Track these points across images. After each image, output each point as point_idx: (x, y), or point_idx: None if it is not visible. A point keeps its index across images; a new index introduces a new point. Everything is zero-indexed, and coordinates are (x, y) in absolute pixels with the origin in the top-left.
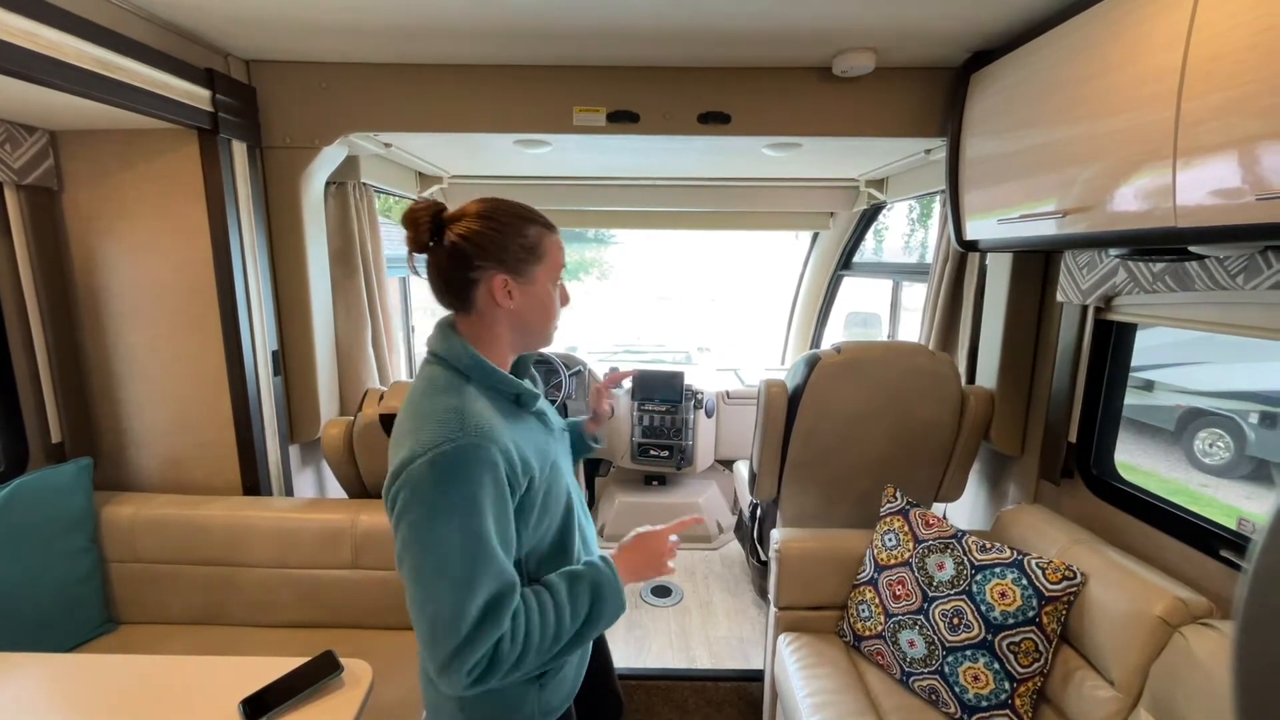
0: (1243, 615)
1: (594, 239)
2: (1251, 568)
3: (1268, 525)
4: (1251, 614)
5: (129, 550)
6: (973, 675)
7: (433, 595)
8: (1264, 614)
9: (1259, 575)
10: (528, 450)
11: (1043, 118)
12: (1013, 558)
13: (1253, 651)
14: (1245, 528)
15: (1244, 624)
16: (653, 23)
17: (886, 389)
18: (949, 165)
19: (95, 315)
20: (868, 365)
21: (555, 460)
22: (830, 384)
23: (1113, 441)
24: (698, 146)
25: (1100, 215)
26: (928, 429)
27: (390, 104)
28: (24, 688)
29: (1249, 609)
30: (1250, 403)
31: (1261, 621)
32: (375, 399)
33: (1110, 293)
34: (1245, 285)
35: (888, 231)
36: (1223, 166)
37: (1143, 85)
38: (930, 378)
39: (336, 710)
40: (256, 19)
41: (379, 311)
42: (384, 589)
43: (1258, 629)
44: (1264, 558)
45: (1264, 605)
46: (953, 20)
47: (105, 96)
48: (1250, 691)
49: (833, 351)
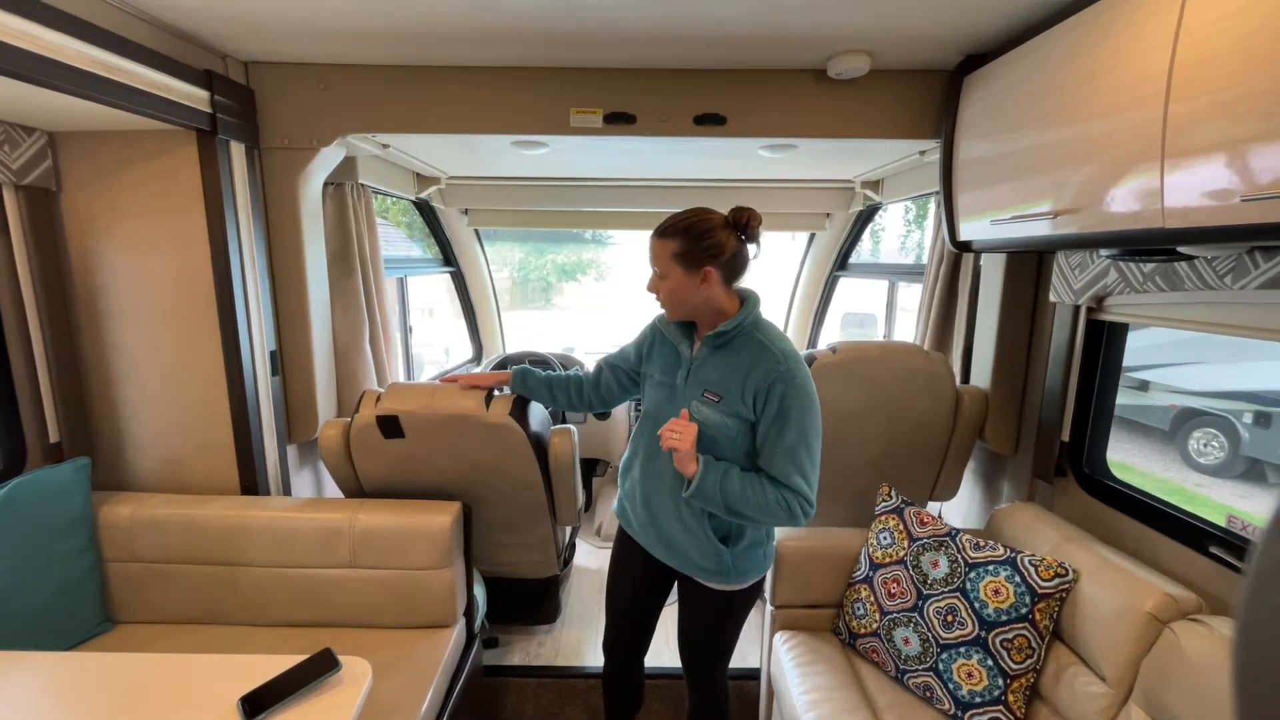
0: (1243, 615)
1: (591, 240)
2: (1251, 568)
3: (1267, 526)
4: (1251, 614)
5: (127, 550)
6: (966, 672)
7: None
8: (1264, 614)
9: (1259, 575)
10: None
11: (1034, 120)
12: (1006, 555)
13: (1253, 651)
14: (1234, 525)
15: (1244, 624)
16: (649, 25)
17: (882, 389)
18: (943, 167)
19: (93, 315)
20: (863, 365)
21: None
22: (826, 384)
23: (1105, 440)
24: (694, 148)
25: (1091, 216)
26: (922, 428)
27: (388, 105)
28: (22, 687)
29: (1249, 609)
30: (1244, 402)
31: (1261, 622)
32: (372, 400)
33: (1102, 293)
34: (1233, 285)
35: (884, 232)
36: (1209, 168)
37: (1131, 88)
38: (925, 377)
39: (335, 707)
40: (255, 21)
41: (376, 312)
42: (382, 588)
43: (1258, 629)
44: (1264, 558)
45: (1264, 605)
46: (944, 24)
47: (105, 98)
48: (1250, 691)
49: (828, 351)
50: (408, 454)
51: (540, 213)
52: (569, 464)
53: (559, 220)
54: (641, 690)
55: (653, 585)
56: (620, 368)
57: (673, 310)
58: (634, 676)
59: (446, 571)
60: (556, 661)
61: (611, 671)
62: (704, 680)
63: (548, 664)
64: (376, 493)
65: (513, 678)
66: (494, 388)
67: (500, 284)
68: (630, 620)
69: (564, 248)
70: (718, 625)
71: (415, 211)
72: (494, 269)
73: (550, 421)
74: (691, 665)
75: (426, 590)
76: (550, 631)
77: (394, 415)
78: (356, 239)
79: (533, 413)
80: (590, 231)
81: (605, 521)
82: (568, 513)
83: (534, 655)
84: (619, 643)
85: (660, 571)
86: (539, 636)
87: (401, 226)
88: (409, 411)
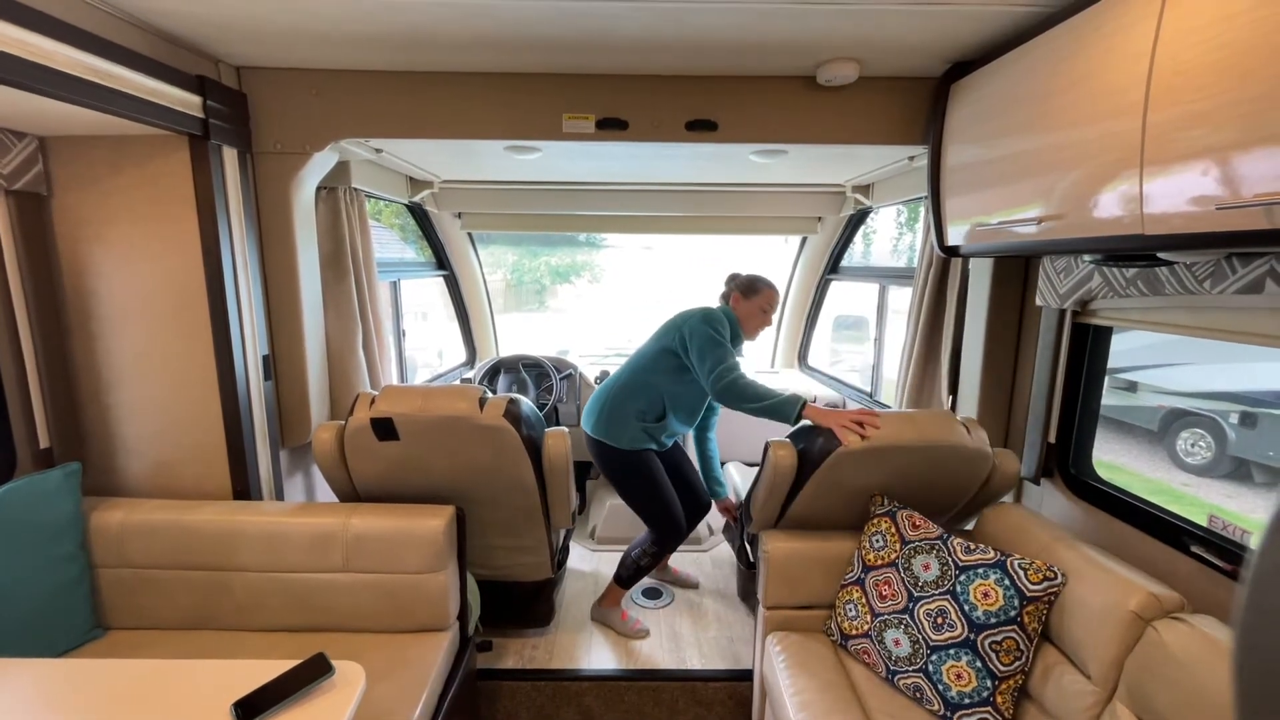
0: (1243, 616)
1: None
2: (1251, 569)
3: (1267, 527)
4: (1251, 615)
5: (118, 555)
6: (956, 673)
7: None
8: (1264, 615)
9: (1259, 576)
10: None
11: (1018, 127)
12: (995, 559)
13: (1253, 652)
14: (1215, 524)
15: (1244, 625)
16: (641, 32)
17: (912, 476)
18: (930, 172)
19: (84, 320)
20: (895, 455)
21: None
22: (849, 467)
23: (1090, 441)
24: (685, 153)
25: (1073, 223)
26: (945, 496)
27: (381, 110)
28: (12, 694)
29: (1249, 610)
30: (1230, 403)
31: (1261, 622)
32: (366, 403)
33: (1086, 297)
34: (1212, 290)
35: (876, 235)
36: (1187, 176)
37: (1111, 97)
38: (960, 461)
39: (328, 712)
40: (247, 27)
41: (370, 315)
42: (376, 592)
43: (1258, 630)
44: (1264, 559)
45: (1264, 606)
46: (930, 33)
47: (97, 103)
48: (1250, 692)
49: (856, 439)
50: (402, 456)
51: (533, 216)
52: (563, 466)
53: (552, 224)
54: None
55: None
56: None
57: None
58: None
59: (440, 575)
60: (551, 665)
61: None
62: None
63: (542, 667)
64: (371, 496)
65: (506, 681)
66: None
67: (494, 287)
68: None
69: (558, 250)
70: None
71: (408, 214)
72: (488, 271)
73: (544, 424)
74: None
75: (420, 594)
76: (544, 635)
77: (388, 417)
78: (349, 243)
79: (527, 415)
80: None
81: (599, 524)
82: (562, 515)
83: (528, 659)
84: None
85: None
86: (533, 640)
87: (395, 229)
88: (403, 414)
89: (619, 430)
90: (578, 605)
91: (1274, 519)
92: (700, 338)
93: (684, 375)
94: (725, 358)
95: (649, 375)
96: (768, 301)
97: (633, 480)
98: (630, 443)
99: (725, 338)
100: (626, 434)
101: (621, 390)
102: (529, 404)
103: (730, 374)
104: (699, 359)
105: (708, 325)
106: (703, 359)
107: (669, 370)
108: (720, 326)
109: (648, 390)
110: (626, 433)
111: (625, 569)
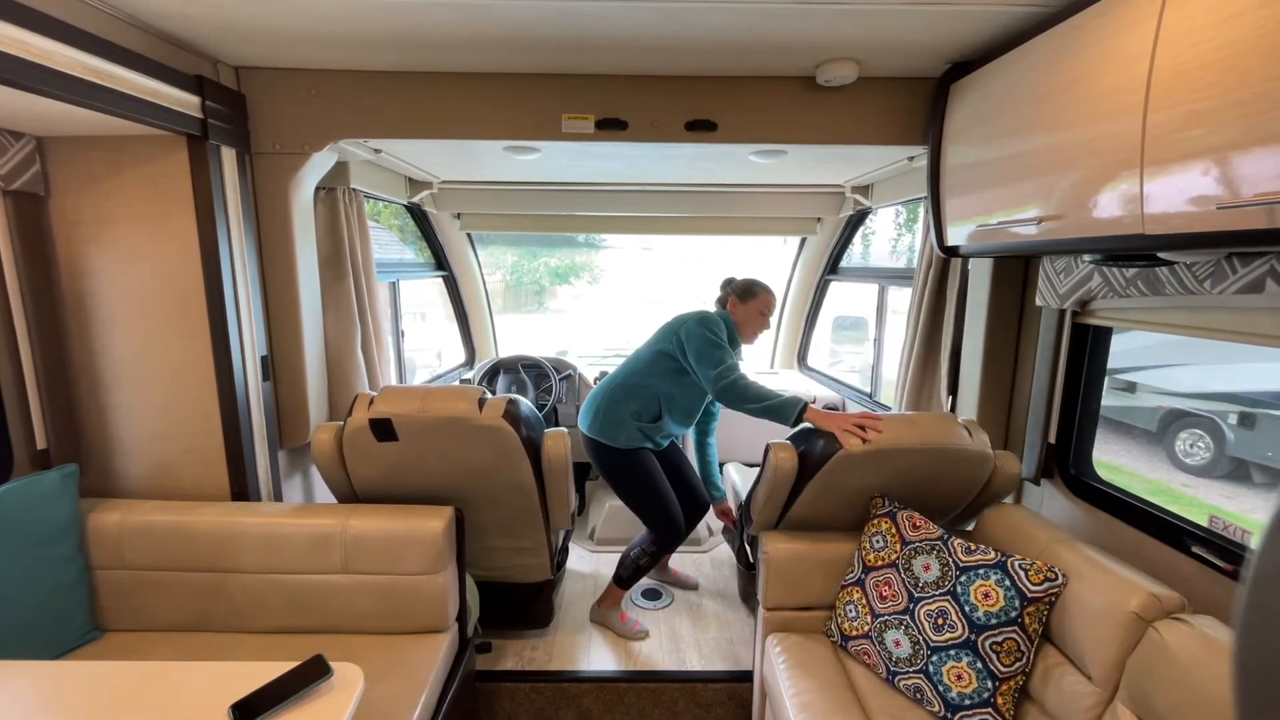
0: (1243, 616)
1: (585, 243)
2: (1251, 570)
3: (1267, 527)
4: (1251, 615)
5: (116, 557)
6: (956, 674)
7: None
8: (1264, 615)
9: (1259, 577)
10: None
11: (1018, 127)
12: (996, 559)
13: (1253, 652)
14: (1216, 525)
15: (1244, 625)
16: (641, 33)
17: (911, 475)
18: (930, 172)
19: (82, 321)
20: (896, 457)
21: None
22: (850, 470)
23: (1091, 442)
24: (685, 153)
25: (1073, 223)
26: (946, 498)
27: (380, 111)
28: (8, 697)
29: (1249, 610)
30: (1229, 404)
31: (1261, 622)
32: (365, 404)
33: (1086, 297)
34: (1213, 290)
35: (875, 236)
36: (1187, 176)
37: (1111, 97)
38: (962, 464)
39: (327, 714)
40: (246, 27)
41: (369, 316)
42: (375, 593)
43: (1258, 630)
44: (1263, 559)
45: (1264, 606)
46: (930, 33)
47: (96, 103)
48: (1250, 692)
49: (858, 442)
50: (401, 457)
51: (533, 217)
52: (562, 467)
53: (552, 224)
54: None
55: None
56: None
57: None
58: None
59: (439, 576)
60: (550, 666)
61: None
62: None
63: (541, 669)
64: (370, 497)
65: (506, 683)
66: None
67: (493, 287)
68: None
69: (557, 251)
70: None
71: (407, 215)
72: (487, 272)
73: (544, 424)
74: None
75: (419, 595)
76: (543, 636)
77: (387, 418)
78: (348, 243)
79: (526, 416)
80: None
81: (598, 525)
82: (561, 516)
83: (527, 660)
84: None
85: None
86: (532, 641)
87: (394, 229)
88: (402, 414)
89: (614, 430)
90: (577, 606)
91: (1274, 519)
92: (698, 340)
93: (681, 378)
94: (725, 359)
95: (645, 377)
96: (765, 305)
97: (629, 479)
98: (626, 441)
99: (723, 339)
100: (622, 433)
101: (617, 391)
102: (528, 405)
103: (731, 375)
104: (698, 361)
105: (704, 328)
106: (702, 361)
107: (665, 373)
108: (717, 329)
109: (643, 392)
110: (622, 432)
111: (624, 569)
